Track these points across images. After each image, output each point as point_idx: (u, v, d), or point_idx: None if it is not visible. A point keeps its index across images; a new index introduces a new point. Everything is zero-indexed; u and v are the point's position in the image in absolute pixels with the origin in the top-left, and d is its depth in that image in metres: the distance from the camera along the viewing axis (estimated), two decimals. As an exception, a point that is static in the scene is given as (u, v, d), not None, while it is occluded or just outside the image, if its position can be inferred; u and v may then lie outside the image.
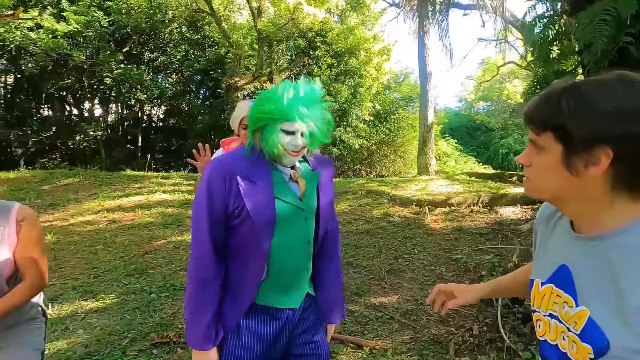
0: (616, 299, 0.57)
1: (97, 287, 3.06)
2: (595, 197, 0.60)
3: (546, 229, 0.77)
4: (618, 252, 0.58)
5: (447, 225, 4.30)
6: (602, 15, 3.13)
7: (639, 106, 0.53)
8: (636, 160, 0.55)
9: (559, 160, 0.59)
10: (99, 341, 2.29)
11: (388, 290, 3.04)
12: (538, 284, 0.73)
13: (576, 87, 0.58)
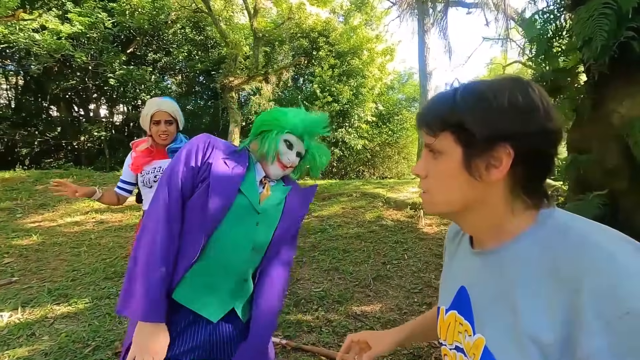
0: (510, 319, 0.49)
1: (73, 291, 2.98)
2: (495, 205, 0.54)
3: (450, 247, 0.69)
4: (510, 265, 0.52)
5: (441, 229, 4.13)
6: (602, 9, 2.95)
7: (533, 102, 0.50)
8: (533, 159, 0.51)
9: (460, 163, 0.53)
10: (60, 349, 2.20)
11: (372, 299, 2.90)
12: (442, 312, 0.64)
13: (469, 85, 0.55)
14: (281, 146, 1.04)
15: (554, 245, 0.48)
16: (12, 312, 2.62)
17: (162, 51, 12.87)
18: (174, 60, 12.80)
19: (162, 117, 1.80)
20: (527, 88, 0.51)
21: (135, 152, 1.87)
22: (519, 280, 0.50)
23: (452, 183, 0.54)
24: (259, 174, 1.06)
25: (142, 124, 1.87)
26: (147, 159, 1.85)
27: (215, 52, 12.30)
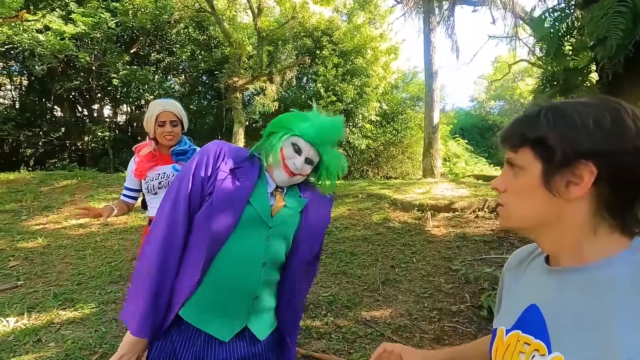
0: (599, 339, 0.47)
1: (79, 295, 2.95)
2: (574, 223, 0.53)
3: (515, 274, 0.67)
4: (599, 287, 0.50)
5: (449, 231, 4.07)
6: (617, 7, 2.88)
7: (623, 122, 0.50)
8: (621, 180, 0.50)
9: (539, 179, 0.54)
10: (67, 356, 2.17)
11: (381, 303, 2.85)
12: (502, 333, 0.61)
13: (555, 103, 0.56)
14: (287, 149, 0.96)
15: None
16: (18, 318, 2.59)
17: (166, 51, 12.85)
18: (177, 60, 12.78)
19: (167, 118, 1.76)
20: (618, 108, 0.51)
21: (138, 157, 1.81)
22: (612, 303, 0.48)
23: (530, 198, 0.55)
24: (270, 186, 0.99)
25: (146, 127, 1.81)
26: (151, 164, 1.80)
27: (218, 51, 12.26)
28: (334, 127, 1.01)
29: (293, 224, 1.00)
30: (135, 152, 1.84)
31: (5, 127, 11.01)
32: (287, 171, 0.96)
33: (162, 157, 1.82)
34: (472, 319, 2.61)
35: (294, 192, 1.03)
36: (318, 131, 0.97)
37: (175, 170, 1.81)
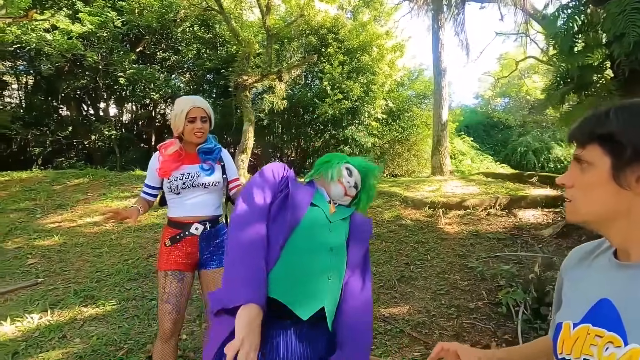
0: None
1: (99, 292, 2.99)
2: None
3: (579, 271, 0.69)
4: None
5: (462, 229, 4.08)
6: (634, 4, 2.87)
7: None
8: None
9: (608, 174, 0.56)
10: (94, 352, 2.21)
11: (398, 300, 2.87)
12: (568, 327, 0.62)
13: (623, 103, 0.57)
14: (343, 170, 1.21)
15: None
16: (41, 314, 2.63)
17: (171, 50, 12.88)
18: (182, 59, 12.81)
19: (198, 114, 1.70)
20: None
21: (162, 156, 1.73)
22: None
23: (597, 193, 0.58)
24: (325, 196, 1.20)
25: (173, 124, 1.74)
26: (177, 164, 1.72)
27: (223, 50, 12.28)
28: (373, 168, 1.28)
29: (345, 224, 1.17)
30: (159, 151, 1.77)
31: (13, 126, 11.10)
32: (342, 187, 1.19)
33: (187, 156, 1.75)
34: (490, 315, 2.62)
35: (342, 207, 1.21)
36: (363, 165, 1.27)
37: (203, 169, 1.74)
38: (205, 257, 1.70)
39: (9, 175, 6.18)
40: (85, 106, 14.08)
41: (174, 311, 1.61)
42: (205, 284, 1.72)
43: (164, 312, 1.61)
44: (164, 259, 1.67)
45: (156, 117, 14.75)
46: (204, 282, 1.73)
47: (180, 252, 1.67)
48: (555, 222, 4.06)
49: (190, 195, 1.71)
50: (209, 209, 1.74)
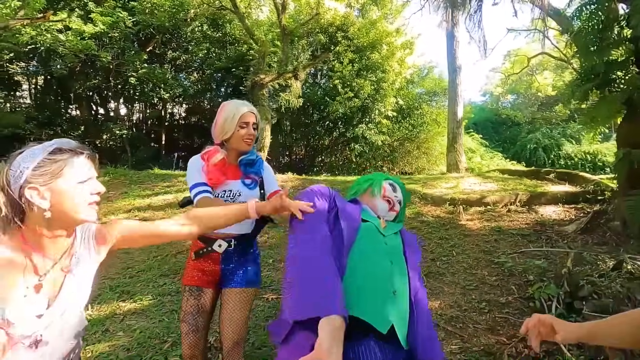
0: None
1: (134, 288, 3.06)
2: None
3: None
4: None
5: (484, 225, 4.11)
6: (664, -2, 2.88)
7: None
8: None
9: None
10: (140, 345, 2.27)
11: (429, 295, 2.90)
12: None
13: None
14: (386, 185, 1.28)
15: None
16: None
17: (181, 49, 12.97)
18: (192, 58, 12.90)
19: (251, 120, 1.58)
20: None
21: (208, 166, 1.56)
22: None
23: None
24: (371, 212, 1.24)
25: (220, 128, 1.58)
26: (223, 178, 1.56)
27: (233, 49, 12.33)
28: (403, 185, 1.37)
29: (398, 239, 1.20)
30: (203, 160, 1.59)
31: (27, 126, 11.24)
32: (387, 200, 1.25)
33: (230, 169, 1.59)
34: (522, 310, 2.65)
35: (390, 222, 1.26)
36: (401, 183, 1.36)
37: (245, 185, 1.59)
38: (226, 275, 1.57)
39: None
40: (95, 106, 14.22)
41: (190, 332, 1.50)
42: (223, 302, 1.56)
43: (182, 332, 1.52)
44: (187, 274, 1.59)
45: (166, 116, 14.87)
46: (222, 301, 1.57)
47: (202, 267, 1.56)
48: (578, 218, 4.07)
49: None
50: (238, 226, 1.51)
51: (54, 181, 0.87)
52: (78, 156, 0.91)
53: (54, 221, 0.90)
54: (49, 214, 0.87)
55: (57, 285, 0.95)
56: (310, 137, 12.42)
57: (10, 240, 0.88)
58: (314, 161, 12.85)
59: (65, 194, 0.89)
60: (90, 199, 0.93)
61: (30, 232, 0.90)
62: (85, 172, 0.92)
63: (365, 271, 1.01)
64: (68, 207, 0.89)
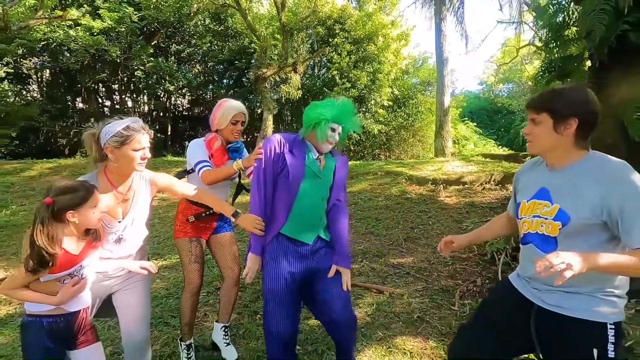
0: (575, 196, 1.09)
1: (162, 251, 3.70)
2: (566, 147, 1.14)
3: (528, 173, 1.29)
4: (575, 173, 1.13)
5: (459, 200, 4.72)
6: (602, 5, 3.41)
7: (587, 98, 1.10)
8: (585, 125, 1.10)
9: (551, 128, 1.13)
10: (175, 287, 2.92)
11: (405, 253, 3.54)
12: (524, 202, 1.24)
13: (560, 89, 1.15)
14: (328, 132, 1.58)
15: (598, 167, 1.09)
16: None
17: (185, 42, 13.44)
18: (196, 51, 13.37)
19: (241, 119, 2.01)
20: (587, 91, 1.12)
21: (212, 150, 1.97)
22: (580, 181, 1.10)
23: (545, 137, 1.14)
24: (315, 154, 1.63)
25: (218, 121, 1.99)
26: (225, 158, 2.02)
27: (234, 42, 12.80)
28: (349, 106, 1.64)
29: (330, 173, 1.66)
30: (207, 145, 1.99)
31: (41, 118, 11.83)
32: (329, 143, 1.61)
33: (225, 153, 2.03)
34: (478, 262, 3.28)
35: (328, 155, 1.69)
36: (341, 113, 1.61)
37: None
38: (218, 226, 2.09)
39: (57, 162, 6.91)
40: (102, 99, 14.77)
41: (201, 269, 2.01)
42: (216, 245, 2.10)
43: (194, 270, 1.99)
44: (187, 230, 2.01)
45: (171, 108, 15.42)
46: (215, 244, 2.10)
47: (200, 225, 2.01)
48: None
49: (216, 185, 1.98)
50: (225, 194, 2.11)
51: (121, 147, 1.43)
52: (139, 132, 1.46)
53: (120, 168, 1.47)
54: (117, 164, 1.46)
55: (128, 205, 1.53)
56: (310, 126, 12.94)
57: (101, 173, 1.48)
58: (314, 150, 13.39)
59: (126, 155, 1.44)
60: (140, 160, 1.49)
61: (109, 171, 1.49)
62: (142, 143, 1.47)
63: (304, 207, 1.59)
64: (127, 162, 1.45)
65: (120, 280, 1.55)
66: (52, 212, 1.22)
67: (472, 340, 1.32)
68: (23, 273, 1.21)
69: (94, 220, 1.30)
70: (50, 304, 1.26)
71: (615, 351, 1.06)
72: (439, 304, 2.67)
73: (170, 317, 2.54)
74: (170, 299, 2.77)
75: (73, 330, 1.34)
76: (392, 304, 2.67)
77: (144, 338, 1.58)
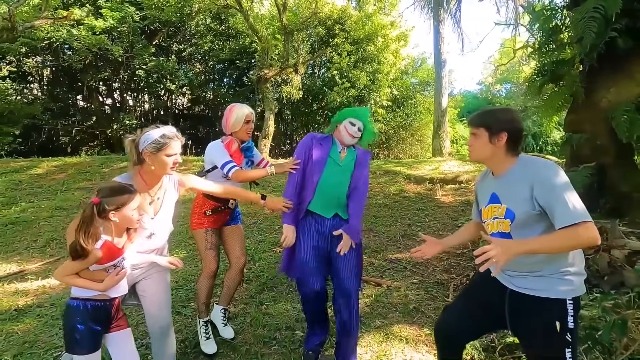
0: (515, 196, 1.28)
1: (170, 246, 3.83)
2: (500, 156, 1.37)
3: (481, 183, 1.50)
4: (512, 177, 1.34)
5: (455, 199, 4.88)
6: (592, 12, 3.57)
7: (513, 117, 1.36)
8: (514, 137, 1.34)
9: (487, 140, 1.34)
10: (184, 279, 3.08)
11: (402, 249, 3.70)
12: (484, 208, 1.43)
13: (492, 110, 1.44)
14: (348, 125, 1.93)
15: (525, 168, 1.29)
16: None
17: (187, 42, 13.56)
18: (198, 50, 13.49)
19: (251, 118, 2.25)
20: (513, 111, 1.40)
21: (230, 152, 2.17)
22: (516, 183, 1.30)
23: (483, 148, 1.37)
24: (339, 147, 1.98)
25: (232, 124, 2.20)
26: (242, 159, 2.24)
27: (235, 41, 12.92)
28: (366, 112, 2.01)
29: (352, 163, 1.98)
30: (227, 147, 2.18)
31: (44, 116, 11.93)
32: (349, 135, 1.93)
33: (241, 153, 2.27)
34: (471, 257, 3.44)
35: (351, 149, 2.01)
36: (358, 113, 1.98)
37: (246, 165, 2.29)
38: (230, 219, 2.32)
39: (63, 160, 7.04)
40: (103, 98, 14.87)
41: (217, 255, 2.22)
42: (227, 235, 2.33)
43: (211, 256, 2.20)
44: (204, 221, 2.22)
45: (171, 107, 15.54)
46: (226, 234, 2.32)
47: (216, 217, 2.23)
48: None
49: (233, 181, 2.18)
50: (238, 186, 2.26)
51: (157, 152, 1.59)
52: (173, 140, 1.62)
53: (154, 171, 1.62)
54: (153, 167, 1.61)
55: (159, 204, 1.69)
56: (310, 126, 13.11)
57: (136, 174, 1.63)
58: (314, 149, 13.54)
59: (161, 160, 1.59)
60: (172, 165, 1.63)
61: (144, 172, 1.64)
62: (175, 150, 1.62)
63: (326, 188, 1.93)
64: (161, 167, 1.61)
65: (143, 270, 1.70)
66: (97, 211, 1.35)
67: (453, 316, 1.53)
68: (73, 262, 1.35)
69: (133, 220, 1.45)
70: (97, 290, 1.41)
71: (575, 322, 1.24)
72: (434, 295, 2.83)
73: (181, 307, 2.70)
74: (180, 291, 2.92)
75: (111, 315, 1.49)
76: (389, 295, 2.83)
77: (167, 322, 1.74)
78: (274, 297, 2.82)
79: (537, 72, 4.58)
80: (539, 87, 4.58)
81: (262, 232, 4.28)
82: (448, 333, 1.52)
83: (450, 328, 1.51)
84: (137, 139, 1.60)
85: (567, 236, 1.15)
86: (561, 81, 4.44)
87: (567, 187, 1.20)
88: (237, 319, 2.53)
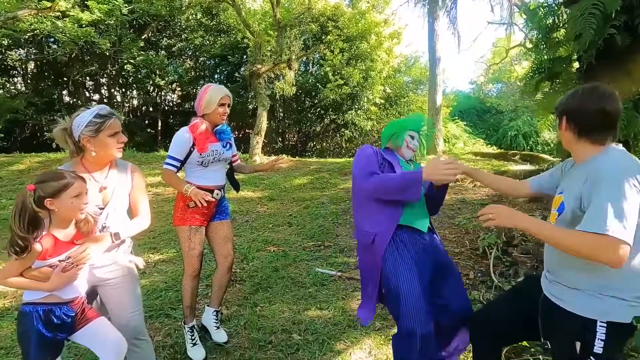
0: (571, 190, 1.16)
1: (159, 245, 3.71)
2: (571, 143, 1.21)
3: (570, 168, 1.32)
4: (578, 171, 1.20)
5: (451, 197, 4.83)
6: (591, 9, 3.53)
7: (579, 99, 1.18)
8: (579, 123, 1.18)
9: (558, 125, 1.25)
10: (173, 280, 2.94)
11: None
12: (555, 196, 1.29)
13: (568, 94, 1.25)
14: (408, 139, 1.73)
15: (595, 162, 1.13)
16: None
17: (176, 37, 13.28)
18: (188, 45, 13.22)
19: (227, 101, 2.02)
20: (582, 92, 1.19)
21: (196, 135, 1.95)
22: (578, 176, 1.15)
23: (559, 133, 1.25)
24: (401, 159, 1.77)
25: (205, 105, 1.99)
26: (207, 143, 1.99)
27: (226, 37, 12.70)
28: (423, 120, 1.82)
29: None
30: (190, 129, 1.96)
31: (27, 111, 11.54)
32: (409, 149, 1.75)
33: (211, 135, 2.02)
34: (470, 256, 3.38)
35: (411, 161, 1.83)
36: (416, 125, 1.78)
37: (224, 147, 2.07)
38: (217, 213, 2.12)
39: (46, 156, 6.79)
40: (90, 93, 14.49)
41: (200, 254, 2.05)
42: (213, 231, 2.13)
43: (194, 256, 2.03)
44: (187, 217, 2.01)
45: (161, 103, 15.23)
46: (212, 231, 2.13)
47: (200, 211, 2.02)
48: (530, 190, 4.81)
49: (213, 168, 2.05)
50: (222, 178, 2.14)
51: (96, 135, 1.41)
52: (110, 117, 1.44)
53: (98, 157, 1.46)
54: (95, 153, 1.44)
55: (109, 192, 1.51)
56: (303, 123, 12.98)
57: (78, 164, 1.47)
58: (306, 146, 13.45)
59: (103, 142, 1.42)
60: (118, 145, 1.47)
61: (87, 161, 1.47)
62: (116, 128, 1.46)
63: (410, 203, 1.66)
64: (104, 150, 1.44)
65: (104, 272, 1.52)
66: (35, 200, 1.21)
67: (493, 308, 1.51)
68: (14, 262, 1.21)
69: (76, 209, 1.28)
70: (43, 289, 1.26)
71: (606, 349, 1.07)
72: (433, 296, 2.76)
73: (170, 309, 2.57)
74: (169, 292, 2.79)
75: (73, 319, 1.34)
76: (388, 296, 2.74)
77: (134, 326, 1.56)
78: (269, 298, 2.71)
79: (533, 70, 4.54)
80: (535, 85, 4.55)
81: (255, 230, 4.16)
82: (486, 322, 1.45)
83: (489, 316, 1.45)
84: (68, 126, 1.42)
85: (582, 241, 1.01)
86: (558, 79, 4.41)
87: (619, 196, 1.00)
88: (230, 321, 2.41)
